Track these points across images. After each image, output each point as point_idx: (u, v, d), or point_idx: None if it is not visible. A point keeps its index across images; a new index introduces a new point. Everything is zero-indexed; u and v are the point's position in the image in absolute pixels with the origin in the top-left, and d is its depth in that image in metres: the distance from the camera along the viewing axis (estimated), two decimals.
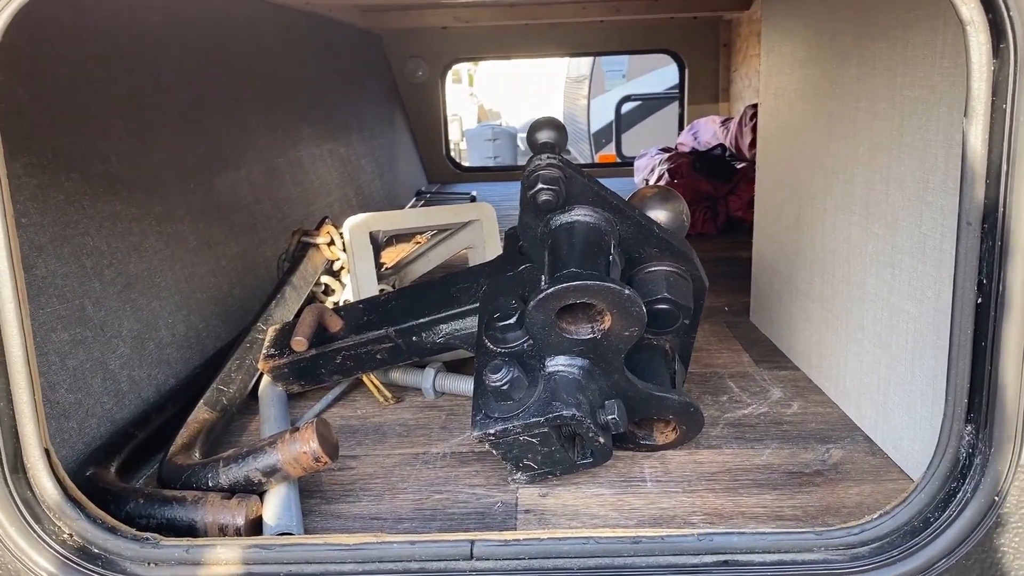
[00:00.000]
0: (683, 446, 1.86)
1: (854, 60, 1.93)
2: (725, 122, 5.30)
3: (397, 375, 2.20)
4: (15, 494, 1.30)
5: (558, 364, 1.63)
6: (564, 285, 1.54)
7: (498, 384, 1.59)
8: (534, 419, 1.58)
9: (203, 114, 2.88)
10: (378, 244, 2.56)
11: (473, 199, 5.64)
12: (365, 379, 2.15)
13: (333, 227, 2.85)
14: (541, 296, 1.55)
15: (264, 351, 2.11)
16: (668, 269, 1.75)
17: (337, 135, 4.34)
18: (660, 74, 9.84)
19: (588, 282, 1.53)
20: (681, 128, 7.04)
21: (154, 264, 2.21)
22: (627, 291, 1.53)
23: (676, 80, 6.74)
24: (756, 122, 3.59)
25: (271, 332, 2.18)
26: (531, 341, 1.66)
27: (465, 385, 2.13)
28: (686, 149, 5.54)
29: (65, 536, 1.34)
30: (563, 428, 1.64)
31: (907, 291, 1.70)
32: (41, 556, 1.31)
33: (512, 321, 1.68)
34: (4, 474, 1.29)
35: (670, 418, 1.78)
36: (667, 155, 4.99)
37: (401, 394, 2.21)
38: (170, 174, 2.50)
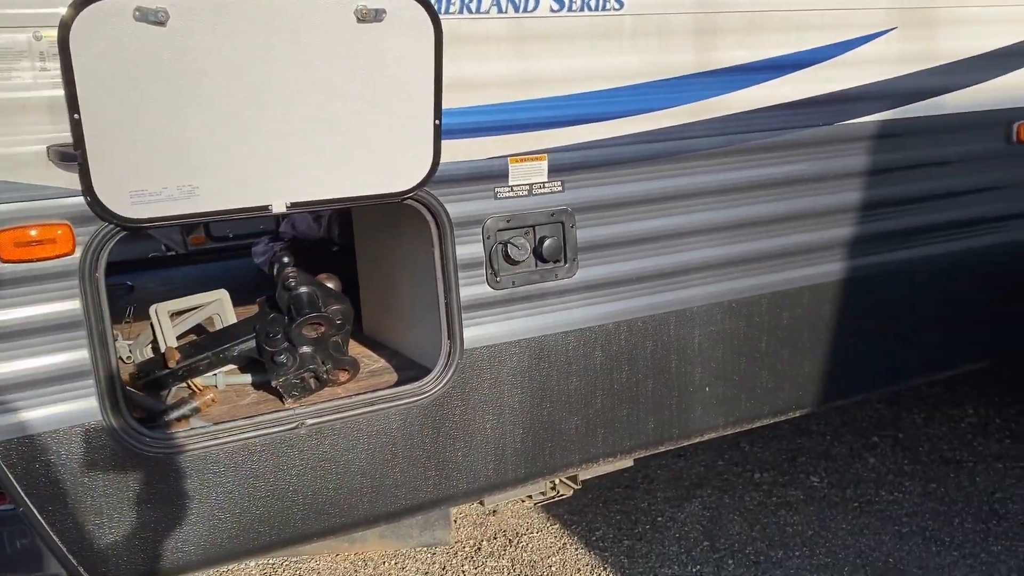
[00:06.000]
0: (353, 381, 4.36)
1: None
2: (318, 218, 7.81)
3: (206, 377, 4.36)
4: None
5: (303, 349, 4.04)
6: (305, 317, 3.97)
7: (282, 360, 3.96)
8: (296, 371, 3.97)
9: None
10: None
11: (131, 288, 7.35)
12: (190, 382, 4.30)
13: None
14: (297, 323, 3.96)
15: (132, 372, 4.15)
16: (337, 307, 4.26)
17: None
18: None
19: (314, 315, 3.99)
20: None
21: None
22: (327, 315, 4.02)
23: None
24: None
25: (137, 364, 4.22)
26: (289, 342, 4.05)
27: (240, 380, 4.37)
28: (289, 236, 7.91)
29: None
30: (305, 373, 4.03)
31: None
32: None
33: (280, 336, 4.06)
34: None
35: (347, 368, 4.27)
36: (280, 245, 7.33)
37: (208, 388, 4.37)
38: None
